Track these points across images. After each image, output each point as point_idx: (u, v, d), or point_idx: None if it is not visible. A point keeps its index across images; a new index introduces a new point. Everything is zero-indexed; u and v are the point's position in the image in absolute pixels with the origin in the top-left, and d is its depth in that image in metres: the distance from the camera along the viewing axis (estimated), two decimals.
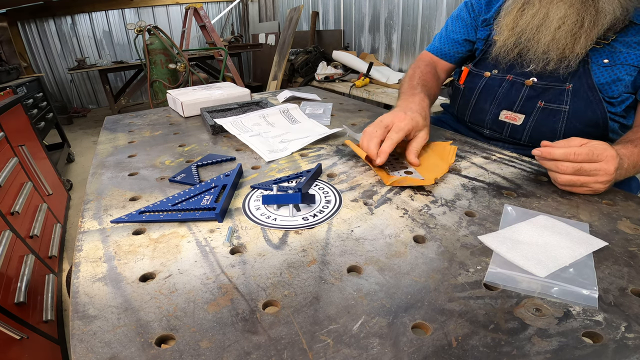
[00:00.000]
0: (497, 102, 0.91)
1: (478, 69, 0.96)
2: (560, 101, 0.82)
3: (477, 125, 0.99)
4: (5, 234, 1.24)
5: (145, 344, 0.35)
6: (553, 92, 0.82)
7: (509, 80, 0.89)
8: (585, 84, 0.78)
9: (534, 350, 0.33)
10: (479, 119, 0.97)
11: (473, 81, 0.97)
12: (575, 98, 0.80)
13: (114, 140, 0.97)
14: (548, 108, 0.83)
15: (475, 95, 0.96)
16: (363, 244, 0.50)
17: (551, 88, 0.82)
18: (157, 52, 2.78)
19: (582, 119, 0.81)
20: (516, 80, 0.87)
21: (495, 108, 0.92)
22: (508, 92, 0.89)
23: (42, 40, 4.72)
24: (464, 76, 1.00)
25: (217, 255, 0.48)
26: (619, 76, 0.75)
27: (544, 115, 0.84)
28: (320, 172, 0.72)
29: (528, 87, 0.85)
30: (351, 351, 0.34)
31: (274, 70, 3.72)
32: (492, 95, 0.92)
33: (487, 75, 0.93)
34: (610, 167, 0.56)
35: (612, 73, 0.76)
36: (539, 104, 0.84)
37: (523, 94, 0.86)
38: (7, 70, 2.74)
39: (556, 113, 0.83)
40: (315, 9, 4.17)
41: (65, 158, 3.01)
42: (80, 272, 0.46)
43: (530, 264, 0.44)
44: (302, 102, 1.30)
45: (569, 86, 0.80)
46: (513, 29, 0.82)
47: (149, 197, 0.65)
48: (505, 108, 0.90)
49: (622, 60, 0.75)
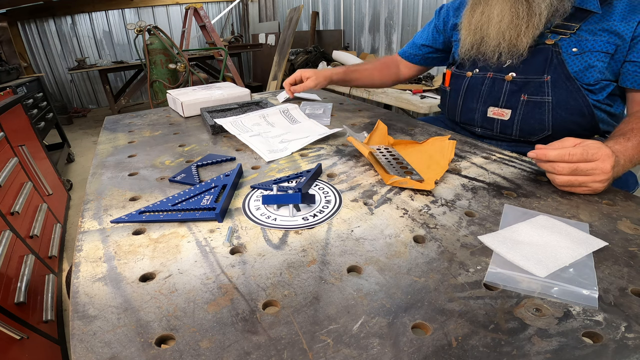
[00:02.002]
0: (483, 100, 0.95)
1: (460, 70, 1.01)
2: (542, 93, 0.85)
3: (468, 125, 1.02)
4: (5, 234, 1.24)
5: (145, 344, 0.35)
6: (533, 85, 0.85)
7: (489, 78, 0.93)
8: (562, 74, 0.82)
9: (534, 350, 0.33)
10: (469, 118, 1.00)
11: (457, 82, 1.02)
12: (555, 89, 0.83)
13: (114, 140, 0.97)
14: (532, 101, 0.86)
15: (461, 96, 1.00)
16: (363, 244, 0.50)
17: (531, 81, 0.86)
18: (157, 52, 2.78)
19: (566, 108, 0.84)
20: (497, 77, 0.92)
21: (482, 106, 0.95)
22: (491, 89, 0.93)
23: (42, 40, 4.72)
24: (447, 78, 1.05)
25: (217, 255, 0.48)
26: (590, 63, 0.79)
27: (529, 108, 0.87)
28: (320, 172, 0.72)
29: (509, 82, 0.89)
30: (351, 351, 0.34)
31: (274, 70, 3.72)
32: (477, 94, 0.96)
33: (469, 75, 0.98)
34: (607, 165, 0.57)
35: (582, 60, 0.80)
36: (523, 97, 0.87)
37: (505, 89, 0.90)
38: (7, 70, 2.74)
39: (540, 105, 0.85)
40: (315, 9, 4.17)
41: (65, 158, 3.01)
42: (80, 272, 0.46)
43: (530, 264, 0.44)
44: (302, 102, 1.30)
45: (547, 78, 0.83)
46: (469, 27, 0.91)
47: (149, 197, 0.65)
48: (492, 104, 0.93)
49: (590, 47, 0.79)
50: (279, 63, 3.65)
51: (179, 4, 5.19)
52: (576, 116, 0.84)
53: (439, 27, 1.10)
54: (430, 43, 1.14)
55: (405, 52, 1.22)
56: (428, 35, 1.14)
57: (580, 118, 0.84)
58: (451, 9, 1.06)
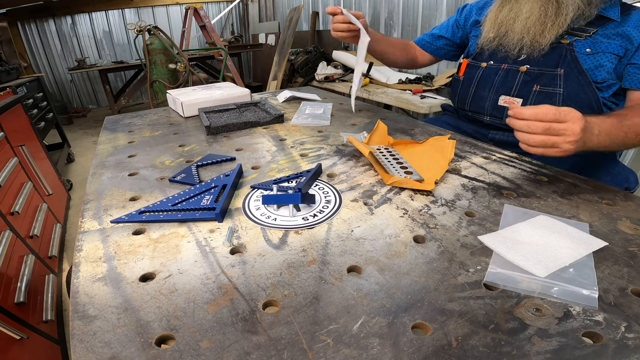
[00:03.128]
0: (495, 89, 0.98)
1: (475, 61, 1.05)
2: (554, 85, 0.88)
3: (477, 114, 1.05)
4: (5, 234, 1.24)
5: (145, 344, 0.35)
6: (547, 77, 0.89)
7: (504, 69, 0.97)
8: (575, 69, 0.86)
9: (534, 350, 0.33)
10: (479, 106, 1.03)
11: (471, 72, 1.05)
12: (567, 82, 0.87)
13: (114, 140, 0.97)
14: (544, 91, 0.90)
15: (474, 85, 1.04)
16: (363, 244, 0.50)
17: (544, 73, 0.90)
18: (157, 52, 2.78)
19: (576, 100, 0.87)
20: (511, 68, 0.96)
21: (493, 94, 0.99)
22: (504, 79, 0.97)
23: (42, 40, 4.71)
24: (463, 68, 1.09)
25: (217, 255, 0.48)
26: (601, 62, 0.84)
27: (540, 98, 0.90)
28: (320, 172, 0.72)
29: (523, 73, 0.93)
30: (351, 351, 0.34)
31: (274, 70, 3.72)
32: (490, 83, 1.00)
33: (484, 66, 1.01)
34: (577, 127, 0.59)
35: (594, 60, 0.85)
36: (535, 87, 0.91)
37: (519, 79, 0.94)
38: (7, 70, 2.74)
39: (552, 96, 0.89)
40: (315, 9, 4.17)
41: (65, 158, 3.01)
42: (80, 272, 0.46)
43: (530, 264, 0.44)
44: (302, 102, 1.30)
45: (560, 71, 0.87)
46: (494, 21, 0.96)
47: (149, 197, 0.65)
48: (504, 93, 0.97)
49: (603, 48, 0.84)
50: (279, 63, 3.65)
51: (179, 4, 5.19)
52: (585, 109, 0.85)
53: (460, 23, 1.16)
54: (448, 35, 1.19)
55: (422, 40, 1.26)
56: (448, 28, 1.19)
57: (588, 110, 0.86)
58: (475, 7, 1.12)
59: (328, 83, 3.04)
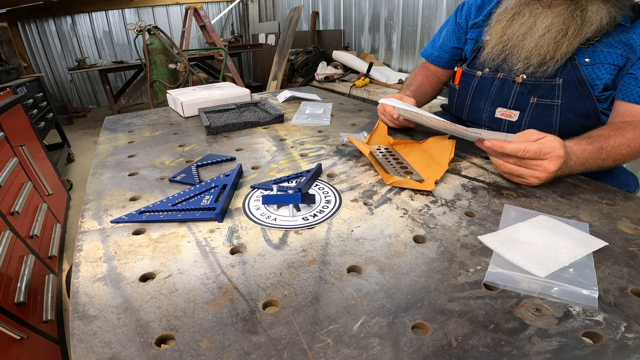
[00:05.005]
0: (491, 100, 0.94)
1: (470, 69, 1.00)
2: (552, 96, 0.84)
3: (475, 124, 1.01)
4: (5, 234, 1.24)
5: (145, 344, 0.35)
6: (544, 88, 0.85)
7: (499, 79, 0.92)
8: (575, 78, 0.81)
9: (534, 350, 0.33)
10: (476, 117, 1.00)
11: (466, 81, 1.01)
12: (566, 92, 0.82)
13: (114, 140, 0.97)
14: (541, 103, 0.86)
15: (470, 94, 1.00)
16: (363, 244, 0.50)
17: (542, 84, 0.85)
18: (157, 52, 2.78)
19: (574, 111, 0.83)
20: (507, 78, 0.90)
21: (490, 106, 0.95)
22: (500, 90, 0.92)
23: (42, 40, 4.71)
24: (458, 76, 1.04)
25: (217, 255, 0.48)
26: (599, 75, 0.79)
27: (537, 110, 0.87)
28: (320, 172, 0.72)
29: (519, 84, 0.88)
30: (351, 351, 0.34)
31: (274, 70, 3.72)
32: (486, 94, 0.95)
33: (479, 75, 0.97)
34: (552, 166, 0.59)
35: (592, 71, 0.80)
36: (532, 100, 0.86)
37: (515, 90, 0.89)
38: (7, 70, 2.74)
39: (550, 108, 0.85)
40: (315, 9, 4.17)
41: (65, 158, 3.01)
42: (80, 272, 0.46)
43: (530, 264, 0.44)
44: (302, 102, 1.30)
45: (559, 81, 0.82)
46: (501, 37, 0.87)
47: (149, 197, 0.65)
48: (500, 105, 0.93)
49: (602, 59, 0.78)
50: (279, 63, 3.65)
51: (179, 4, 5.19)
52: (583, 118, 0.83)
53: (461, 25, 1.06)
54: (461, 45, 1.08)
55: (432, 56, 1.15)
56: (452, 36, 1.09)
57: (586, 120, 0.83)
58: (473, 6, 1.03)
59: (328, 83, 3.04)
